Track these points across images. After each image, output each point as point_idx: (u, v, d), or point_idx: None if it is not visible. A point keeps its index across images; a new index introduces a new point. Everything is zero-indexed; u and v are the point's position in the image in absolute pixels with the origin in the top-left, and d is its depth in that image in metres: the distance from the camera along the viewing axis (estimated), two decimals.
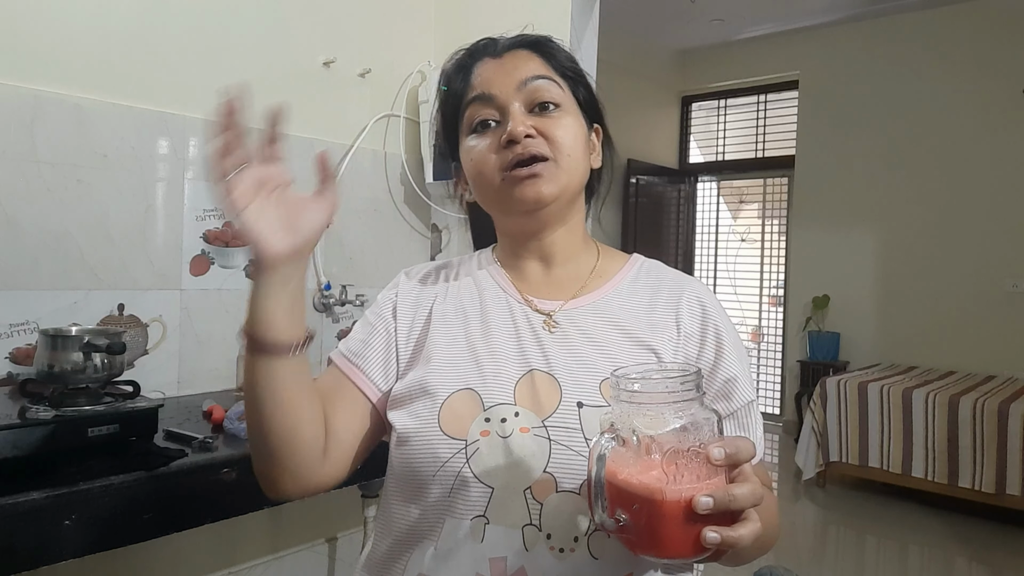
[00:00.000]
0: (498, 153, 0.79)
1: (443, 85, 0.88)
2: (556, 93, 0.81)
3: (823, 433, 4.13)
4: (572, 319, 0.81)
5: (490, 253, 0.92)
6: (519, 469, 0.70)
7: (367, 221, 2.14)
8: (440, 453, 0.72)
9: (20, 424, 1.08)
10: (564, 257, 0.86)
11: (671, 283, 0.85)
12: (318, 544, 1.90)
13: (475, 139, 0.81)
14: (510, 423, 0.72)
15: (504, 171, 0.78)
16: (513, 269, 0.87)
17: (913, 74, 4.94)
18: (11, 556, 0.97)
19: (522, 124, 0.77)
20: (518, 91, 0.80)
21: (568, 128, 0.80)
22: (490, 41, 0.86)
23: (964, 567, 3.30)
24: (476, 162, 0.81)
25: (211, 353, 1.78)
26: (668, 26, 5.38)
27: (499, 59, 0.83)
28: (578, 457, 0.70)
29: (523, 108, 0.79)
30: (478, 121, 0.81)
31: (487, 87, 0.81)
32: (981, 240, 4.64)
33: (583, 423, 0.71)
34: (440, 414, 0.73)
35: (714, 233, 6.34)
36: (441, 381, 0.76)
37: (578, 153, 0.81)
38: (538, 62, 0.82)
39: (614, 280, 0.85)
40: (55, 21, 1.52)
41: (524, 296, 0.83)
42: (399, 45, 2.19)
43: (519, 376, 0.76)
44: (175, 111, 1.71)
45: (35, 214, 1.50)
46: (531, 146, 0.77)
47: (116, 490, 1.07)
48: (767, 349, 5.98)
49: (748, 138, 6.09)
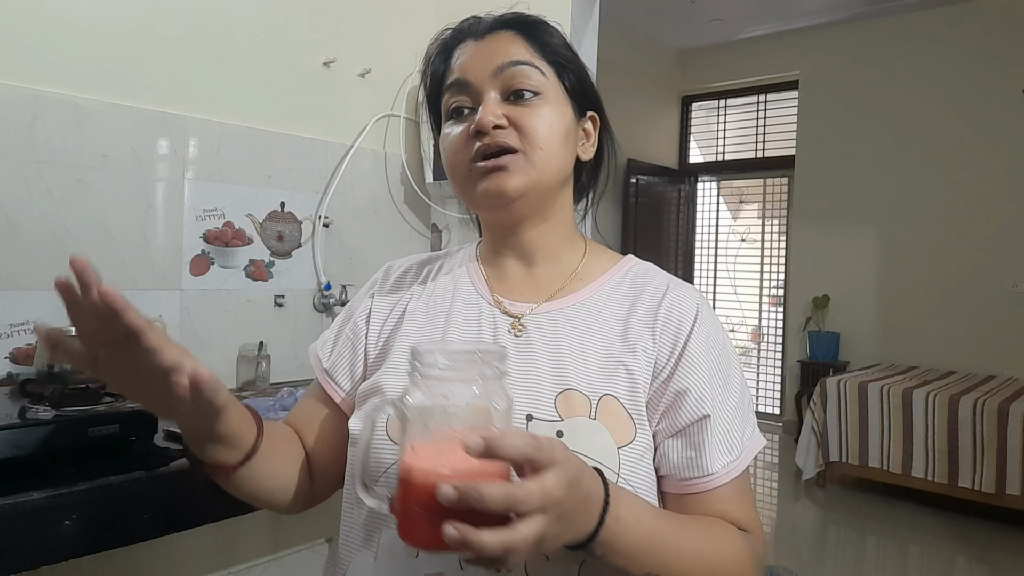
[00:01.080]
0: (467, 143, 0.74)
1: (423, 67, 0.84)
2: (536, 80, 0.75)
3: (823, 433, 4.13)
4: (540, 324, 0.75)
5: (474, 249, 0.88)
6: None
7: (367, 221, 2.14)
8: (383, 458, 0.69)
9: (20, 424, 1.08)
10: (545, 256, 0.80)
11: (655, 289, 0.77)
12: (318, 544, 1.90)
13: (450, 126, 0.77)
14: None
15: (472, 162, 0.74)
16: (492, 266, 0.83)
17: (913, 74, 4.94)
18: (11, 556, 0.97)
19: (492, 114, 0.72)
20: (494, 77, 0.74)
21: (544, 118, 0.74)
22: (475, 20, 0.80)
23: (964, 567, 3.30)
24: (448, 152, 0.77)
25: (211, 353, 1.78)
26: (668, 26, 5.38)
27: (480, 41, 0.77)
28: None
29: (498, 96, 0.74)
30: (453, 108, 0.77)
31: (463, 72, 0.76)
32: (981, 240, 4.64)
33: None
34: (388, 418, 0.70)
35: (714, 233, 6.34)
36: (394, 383, 0.73)
37: (555, 145, 0.75)
38: (521, 46, 0.76)
39: (595, 283, 0.79)
40: (55, 21, 1.52)
41: (495, 297, 0.79)
42: (399, 45, 2.19)
43: None
44: (175, 111, 1.71)
45: (35, 214, 1.50)
46: (499, 136, 0.72)
47: (116, 490, 1.07)
48: (767, 349, 5.98)
49: (748, 138, 6.09)
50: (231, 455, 0.67)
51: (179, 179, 1.72)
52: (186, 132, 1.73)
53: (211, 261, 1.78)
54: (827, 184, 5.31)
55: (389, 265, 0.89)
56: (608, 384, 0.71)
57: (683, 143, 6.35)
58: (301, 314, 1.99)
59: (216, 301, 1.80)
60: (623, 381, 0.71)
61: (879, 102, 5.08)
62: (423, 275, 0.86)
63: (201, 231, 1.76)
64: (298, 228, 1.96)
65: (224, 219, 1.80)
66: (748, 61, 5.79)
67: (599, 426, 0.68)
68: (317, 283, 2.02)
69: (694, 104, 6.33)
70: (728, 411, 0.72)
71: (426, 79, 0.83)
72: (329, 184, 2.02)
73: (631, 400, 0.70)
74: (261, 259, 1.88)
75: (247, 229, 1.85)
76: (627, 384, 0.71)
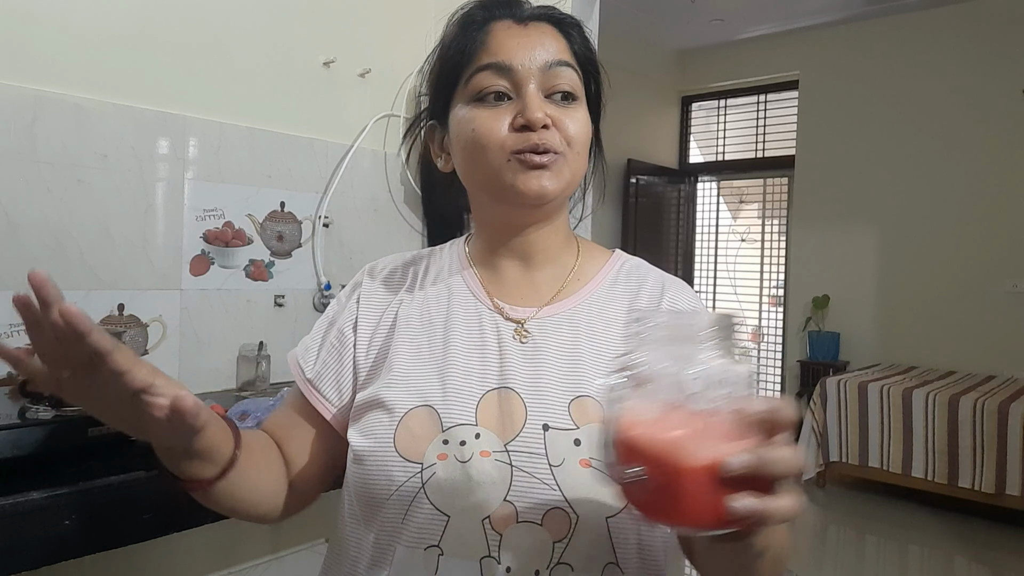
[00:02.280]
0: (509, 132, 0.71)
1: (442, 34, 0.79)
2: (575, 83, 0.74)
3: (823, 433, 4.13)
4: (544, 329, 0.74)
5: (463, 247, 0.84)
6: (477, 497, 0.64)
7: (367, 221, 2.14)
8: (395, 476, 0.66)
9: (20, 424, 1.08)
10: (544, 258, 0.79)
11: (652, 288, 0.78)
12: (318, 544, 1.90)
13: (480, 109, 0.72)
14: (470, 446, 0.65)
15: (513, 153, 0.70)
16: (487, 268, 0.80)
17: (913, 74, 4.93)
18: (11, 556, 0.97)
19: (540, 111, 0.70)
20: (540, 72, 0.71)
21: (581, 122, 0.73)
22: (514, 1, 0.76)
23: (964, 567, 3.30)
24: (479, 133, 0.71)
25: (211, 353, 1.78)
26: (668, 26, 5.37)
27: (523, 26, 0.74)
28: (541, 485, 0.64)
29: (539, 91, 0.72)
30: (489, 92, 0.72)
31: (508, 56, 0.71)
32: (981, 240, 4.64)
33: (548, 448, 0.65)
34: (396, 433, 0.67)
35: (714, 233, 6.33)
36: (399, 396, 0.70)
37: (585, 151, 0.75)
38: (563, 44, 0.74)
39: (592, 284, 0.79)
40: (55, 21, 1.52)
41: (495, 302, 0.76)
42: (399, 45, 2.19)
43: (482, 393, 0.69)
44: (175, 111, 1.71)
45: (35, 214, 1.50)
46: (546, 136, 0.70)
47: (116, 490, 1.07)
48: (767, 349, 5.98)
49: (748, 138, 6.09)
50: (208, 469, 0.65)
51: (179, 179, 1.72)
52: (186, 132, 1.73)
53: (211, 261, 1.78)
54: (827, 184, 5.31)
55: (372, 266, 0.84)
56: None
57: (683, 143, 6.35)
58: (301, 314, 1.99)
59: (216, 301, 1.80)
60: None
61: (879, 102, 5.08)
62: (410, 278, 0.82)
63: (201, 231, 1.76)
64: (298, 228, 1.96)
65: (224, 219, 1.80)
66: (748, 61, 5.79)
67: None
68: (317, 283, 2.02)
69: (694, 104, 6.32)
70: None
71: (446, 49, 0.77)
72: (329, 184, 2.02)
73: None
74: (261, 259, 1.88)
75: (247, 229, 1.85)
76: None
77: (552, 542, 0.63)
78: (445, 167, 0.80)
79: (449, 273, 0.81)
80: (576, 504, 0.64)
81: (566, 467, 0.64)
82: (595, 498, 0.64)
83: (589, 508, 0.64)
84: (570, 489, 0.64)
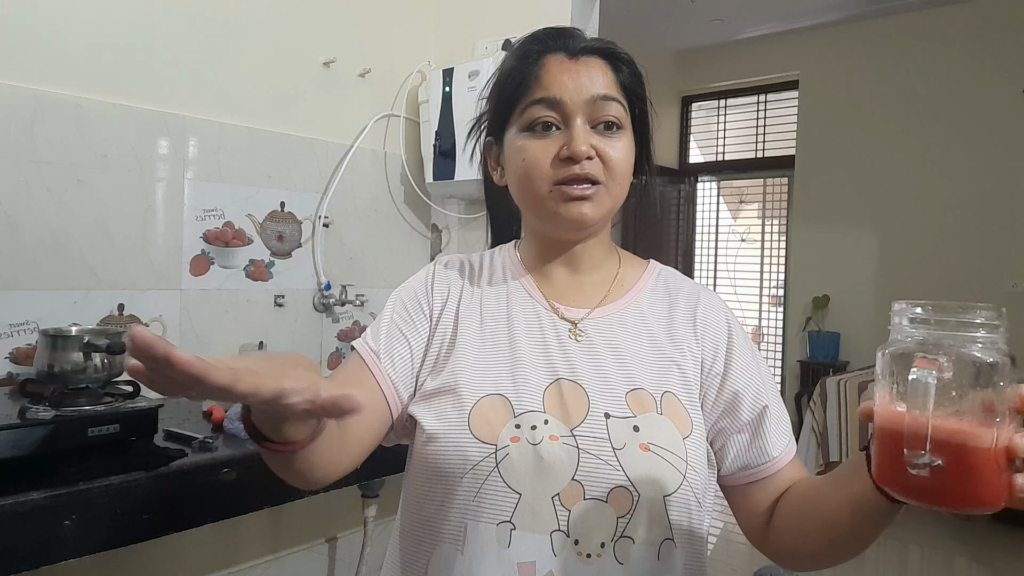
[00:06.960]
0: (553, 162, 0.77)
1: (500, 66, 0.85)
2: (619, 114, 0.79)
3: (823, 433, 4.13)
4: (598, 329, 0.82)
5: (514, 252, 0.91)
6: (548, 476, 0.71)
7: (367, 221, 2.14)
8: (470, 455, 0.72)
9: (20, 424, 1.08)
10: (590, 265, 0.86)
11: (688, 296, 0.86)
12: (318, 544, 1.90)
13: (530, 138, 0.79)
14: (540, 430, 0.72)
15: (555, 184, 0.77)
16: (538, 272, 0.87)
17: (913, 74, 4.94)
18: (11, 556, 0.97)
19: (585, 143, 0.76)
20: (587, 105, 0.78)
21: (623, 151, 0.79)
22: (568, 34, 0.82)
23: (964, 567, 3.30)
24: (528, 164, 0.79)
25: (211, 353, 1.77)
26: (668, 26, 5.38)
27: (574, 61, 0.80)
28: (606, 466, 0.71)
29: (586, 123, 0.78)
30: (539, 122, 0.78)
31: (558, 91, 0.78)
32: (981, 240, 4.64)
33: (610, 433, 0.73)
34: (470, 417, 0.74)
35: (714, 233, 6.33)
36: (471, 384, 0.76)
37: (627, 177, 0.81)
38: (610, 77, 0.80)
39: (635, 289, 0.86)
40: (55, 21, 1.52)
41: (551, 303, 0.84)
42: (399, 45, 2.20)
43: (547, 384, 0.76)
44: (175, 111, 1.71)
45: (35, 214, 1.50)
46: (588, 167, 0.76)
47: (116, 490, 1.07)
48: (767, 349, 5.98)
49: (748, 138, 6.09)
50: (302, 431, 0.65)
51: (179, 179, 1.72)
52: (186, 132, 1.73)
53: (211, 261, 1.78)
54: (827, 184, 5.31)
55: (448, 260, 0.91)
56: (666, 382, 0.78)
57: (683, 143, 6.35)
58: (301, 314, 1.99)
59: (216, 301, 1.80)
60: (677, 379, 0.79)
61: (879, 102, 5.08)
62: (468, 275, 0.88)
63: (201, 231, 1.76)
64: (298, 228, 1.96)
65: (224, 219, 1.80)
66: (748, 61, 5.79)
67: (666, 420, 0.75)
68: (317, 283, 2.02)
69: (694, 104, 6.33)
70: (775, 394, 0.82)
71: (504, 78, 0.83)
72: (329, 184, 2.02)
73: (687, 395, 0.78)
74: (261, 259, 1.88)
75: (247, 229, 1.85)
76: (681, 381, 0.79)
77: (616, 517, 0.71)
78: (500, 181, 0.87)
79: (504, 276, 0.88)
80: (638, 483, 0.71)
81: (628, 450, 0.72)
82: (655, 478, 0.72)
83: (649, 487, 0.71)
84: (632, 470, 0.71)
